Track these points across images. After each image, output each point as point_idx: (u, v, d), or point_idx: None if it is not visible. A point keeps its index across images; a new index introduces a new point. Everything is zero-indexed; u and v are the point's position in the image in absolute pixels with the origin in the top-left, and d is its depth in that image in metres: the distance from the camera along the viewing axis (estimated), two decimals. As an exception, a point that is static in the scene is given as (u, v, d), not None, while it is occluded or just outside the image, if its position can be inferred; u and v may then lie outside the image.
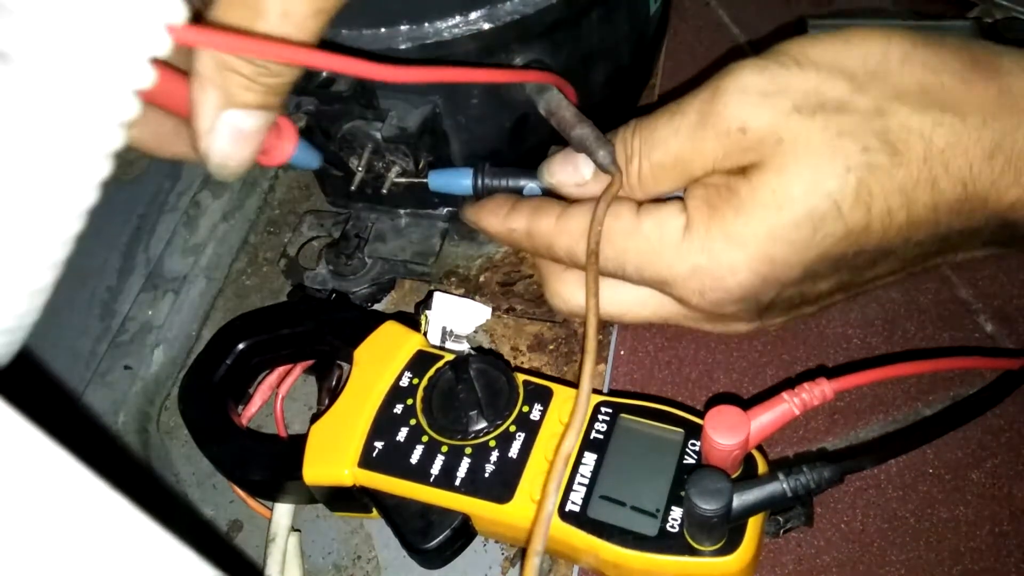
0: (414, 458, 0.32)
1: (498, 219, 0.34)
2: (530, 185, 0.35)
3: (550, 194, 0.35)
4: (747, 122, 0.28)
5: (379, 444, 0.33)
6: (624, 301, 0.34)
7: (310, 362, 0.40)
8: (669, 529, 0.29)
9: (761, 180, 0.28)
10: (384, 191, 0.39)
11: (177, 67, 0.26)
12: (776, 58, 0.28)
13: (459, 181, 0.36)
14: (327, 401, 0.38)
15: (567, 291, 0.35)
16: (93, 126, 0.18)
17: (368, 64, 0.26)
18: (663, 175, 0.30)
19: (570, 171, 0.33)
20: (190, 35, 0.20)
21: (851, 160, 0.27)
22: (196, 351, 0.42)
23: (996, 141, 0.27)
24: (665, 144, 0.30)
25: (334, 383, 0.39)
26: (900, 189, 0.27)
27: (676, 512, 0.29)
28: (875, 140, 0.27)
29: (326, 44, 0.27)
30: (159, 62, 0.25)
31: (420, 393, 0.34)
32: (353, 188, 0.39)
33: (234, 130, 0.26)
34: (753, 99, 0.28)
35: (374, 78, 0.27)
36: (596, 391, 0.35)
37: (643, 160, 0.30)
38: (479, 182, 0.36)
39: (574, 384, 0.32)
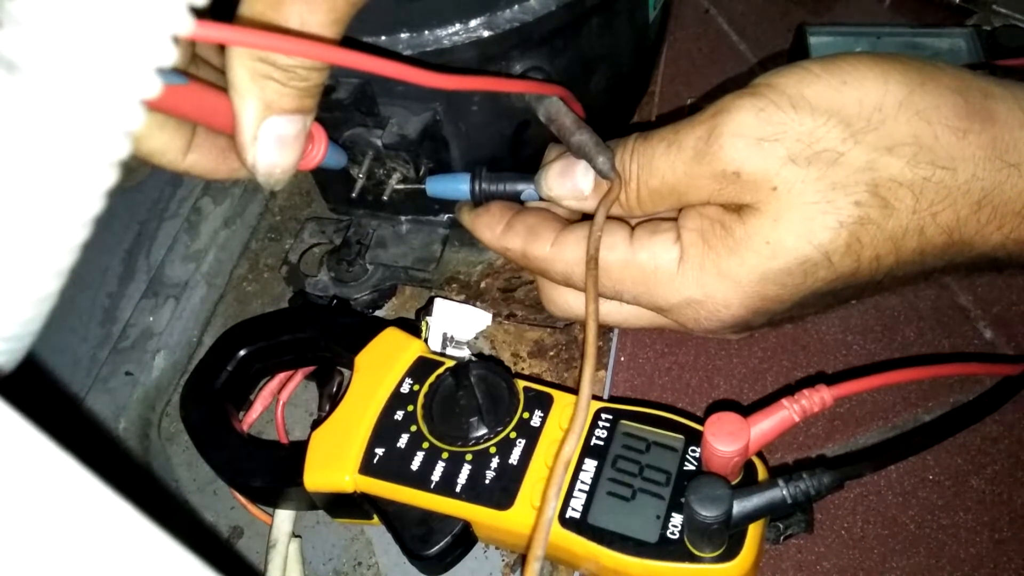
0: (415, 464, 0.32)
1: (494, 235, 0.35)
2: (528, 191, 0.35)
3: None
4: (742, 167, 0.29)
5: (380, 450, 0.33)
6: (622, 312, 0.35)
7: (311, 368, 0.41)
8: (669, 536, 0.29)
9: (755, 226, 0.29)
10: (385, 198, 0.39)
11: (213, 83, 0.27)
12: (773, 97, 0.29)
13: (457, 186, 0.36)
14: (328, 407, 0.38)
15: (562, 299, 0.36)
16: (99, 135, 0.18)
17: (394, 65, 0.26)
18: (660, 200, 0.31)
19: (568, 186, 0.33)
20: (208, 31, 0.20)
21: (843, 214, 0.28)
22: (197, 357, 0.42)
23: (985, 192, 0.28)
24: (662, 175, 0.30)
25: (335, 389, 0.39)
26: (889, 238, 0.28)
27: (676, 519, 0.30)
28: (866, 194, 0.28)
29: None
30: (195, 79, 0.26)
31: (421, 399, 0.34)
32: (354, 195, 0.39)
33: (277, 137, 0.26)
34: (748, 143, 0.28)
35: (408, 80, 0.27)
36: (596, 397, 0.35)
37: (641, 186, 0.31)
38: (477, 187, 0.36)
39: (574, 390, 0.32)
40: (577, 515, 0.30)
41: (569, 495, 0.31)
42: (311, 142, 0.31)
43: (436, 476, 0.32)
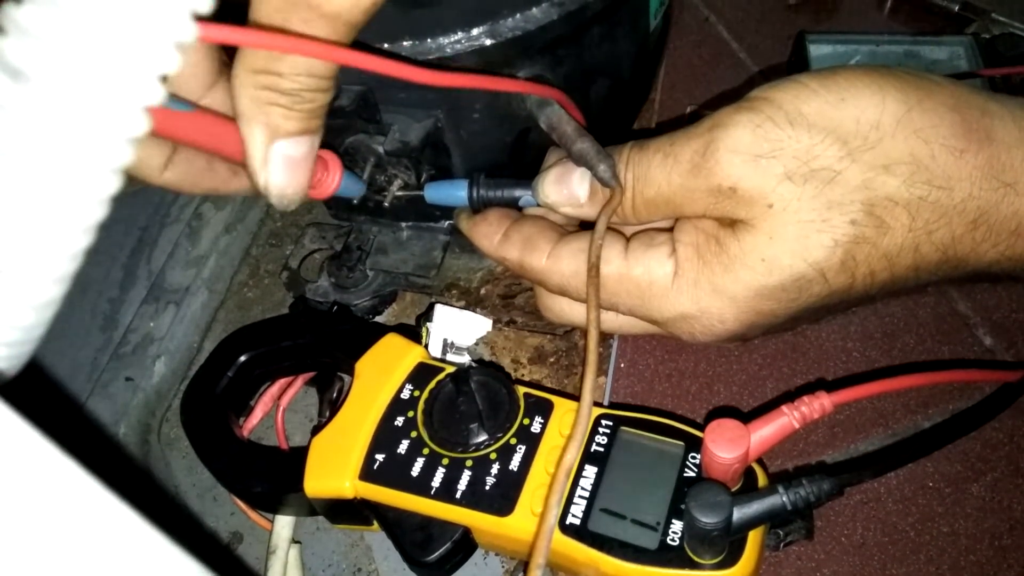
0: (415, 470, 0.32)
1: (491, 244, 0.35)
2: (525, 197, 0.36)
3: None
4: (738, 183, 0.29)
5: (380, 456, 0.33)
6: (617, 320, 0.35)
7: (311, 374, 0.41)
8: (669, 542, 0.29)
9: (751, 243, 0.29)
10: (386, 204, 0.39)
11: (218, 112, 0.27)
12: (770, 113, 0.29)
13: (455, 193, 0.37)
14: (328, 413, 0.38)
15: (558, 306, 0.36)
16: (102, 142, 0.18)
17: (393, 64, 0.27)
18: (655, 210, 0.32)
19: (565, 193, 0.33)
20: (216, 33, 0.21)
21: (838, 233, 0.28)
22: (198, 363, 0.42)
23: (981, 211, 0.28)
24: (658, 186, 0.31)
25: (335, 395, 0.39)
26: (884, 256, 0.28)
27: (676, 525, 0.30)
28: (862, 213, 0.28)
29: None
30: (200, 108, 0.27)
31: (421, 405, 0.34)
32: (355, 201, 0.39)
33: (286, 159, 0.27)
34: (745, 159, 0.28)
35: (405, 78, 0.27)
36: (597, 404, 0.35)
37: (636, 195, 0.31)
38: (475, 194, 0.36)
39: (575, 397, 0.32)
40: (577, 522, 0.30)
41: (569, 501, 0.31)
42: (326, 170, 0.32)
43: (436, 482, 0.32)
